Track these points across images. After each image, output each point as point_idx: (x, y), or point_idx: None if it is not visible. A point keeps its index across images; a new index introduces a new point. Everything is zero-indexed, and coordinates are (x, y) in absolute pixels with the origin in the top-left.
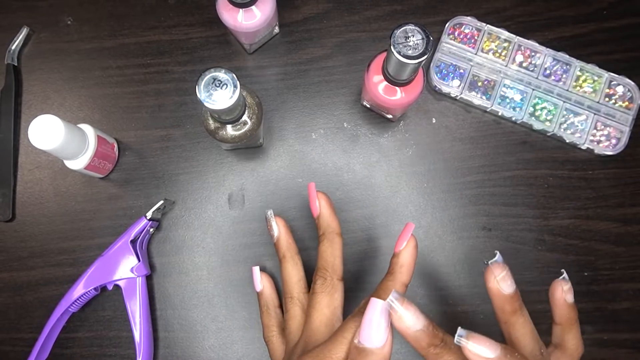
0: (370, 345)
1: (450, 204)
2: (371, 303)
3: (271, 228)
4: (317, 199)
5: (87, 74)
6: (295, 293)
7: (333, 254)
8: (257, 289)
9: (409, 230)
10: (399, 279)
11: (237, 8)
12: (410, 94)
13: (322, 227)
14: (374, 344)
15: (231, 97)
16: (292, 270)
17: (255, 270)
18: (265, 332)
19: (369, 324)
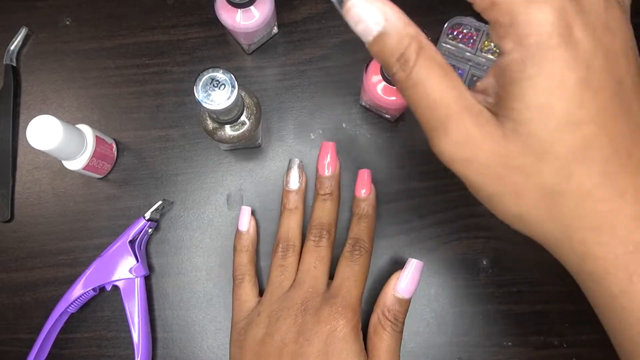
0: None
1: (449, 203)
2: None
3: (289, 177)
4: (327, 158)
5: (86, 75)
6: (298, 243)
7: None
8: (244, 227)
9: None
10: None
11: (236, 8)
12: None
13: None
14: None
15: (229, 98)
16: (301, 222)
17: (246, 209)
18: (239, 271)
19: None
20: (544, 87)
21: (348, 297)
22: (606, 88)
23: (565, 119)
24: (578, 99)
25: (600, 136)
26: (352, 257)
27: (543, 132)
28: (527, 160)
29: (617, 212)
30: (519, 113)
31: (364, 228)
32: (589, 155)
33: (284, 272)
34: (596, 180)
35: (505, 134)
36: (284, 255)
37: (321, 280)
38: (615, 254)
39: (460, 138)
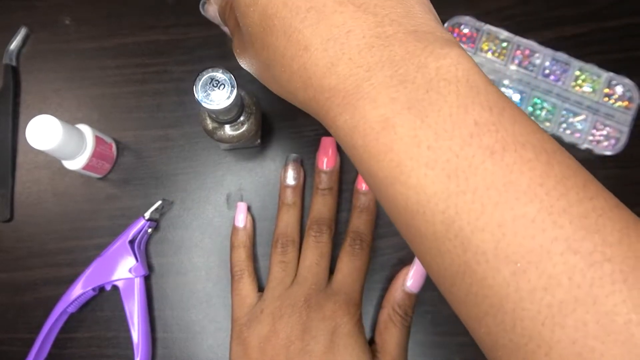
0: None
1: None
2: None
3: (287, 173)
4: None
5: (86, 74)
6: (297, 238)
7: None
8: (240, 224)
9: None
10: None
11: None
12: None
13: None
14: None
15: (229, 97)
16: (299, 217)
17: (243, 205)
18: (237, 267)
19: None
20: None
21: (351, 292)
22: None
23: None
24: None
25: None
26: (353, 252)
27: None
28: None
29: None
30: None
31: (365, 221)
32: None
33: (286, 268)
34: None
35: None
36: (284, 251)
37: (323, 276)
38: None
39: (235, 51)
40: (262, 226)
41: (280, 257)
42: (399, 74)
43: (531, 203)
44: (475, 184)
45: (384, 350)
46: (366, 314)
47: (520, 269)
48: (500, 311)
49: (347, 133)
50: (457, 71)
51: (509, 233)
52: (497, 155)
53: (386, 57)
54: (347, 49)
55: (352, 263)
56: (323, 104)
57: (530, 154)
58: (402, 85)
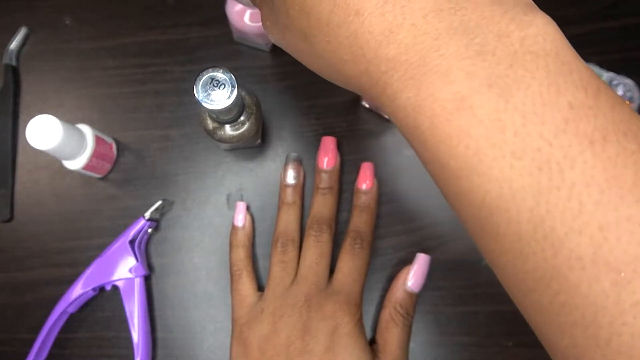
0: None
1: None
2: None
3: (287, 172)
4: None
5: (86, 74)
6: (297, 237)
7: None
8: (239, 223)
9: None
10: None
11: (244, 10)
12: None
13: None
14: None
15: (229, 97)
16: (299, 216)
17: (242, 205)
18: (236, 266)
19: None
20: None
21: (351, 292)
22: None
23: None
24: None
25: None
26: (354, 251)
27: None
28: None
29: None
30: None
31: (365, 221)
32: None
33: (286, 267)
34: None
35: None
36: (284, 251)
37: (323, 275)
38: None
39: (264, 23)
40: (262, 226)
41: (280, 256)
42: (476, 44)
43: (638, 203)
44: (572, 178)
45: (385, 350)
46: (367, 314)
47: (624, 278)
48: (594, 324)
49: (409, 113)
50: (545, 43)
51: (612, 237)
52: (597, 146)
53: (458, 22)
54: (409, 12)
55: (352, 263)
56: (378, 79)
57: (633, 145)
58: (480, 58)
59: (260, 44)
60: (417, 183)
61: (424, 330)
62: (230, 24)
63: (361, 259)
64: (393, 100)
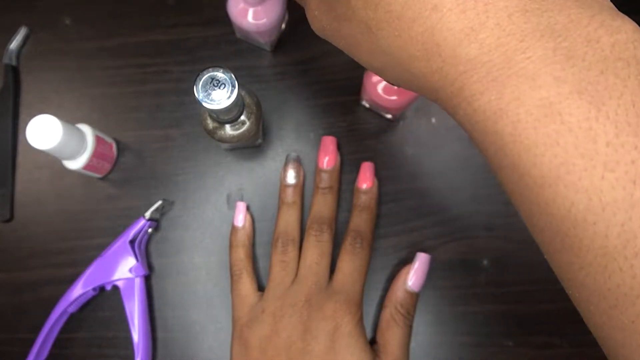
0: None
1: (450, 204)
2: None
3: (287, 173)
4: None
5: (86, 74)
6: (298, 237)
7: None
8: (239, 223)
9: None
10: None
11: (246, 9)
12: (410, 94)
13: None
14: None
15: (229, 97)
16: (299, 216)
17: (242, 205)
18: (236, 266)
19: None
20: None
21: (351, 292)
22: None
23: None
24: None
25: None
26: (354, 251)
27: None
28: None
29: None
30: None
31: (366, 220)
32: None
33: (286, 267)
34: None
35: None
36: (285, 251)
37: (323, 275)
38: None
39: (311, 11)
40: (262, 226)
41: (281, 256)
42: (564, 47)
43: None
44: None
45: (386, 350)
46: (367, 314)
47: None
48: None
49: (490, 117)
50: (636, 50)
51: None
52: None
53: (545, 24)
54: (493, 11)
55: (352, 262)
56: (454, 79)
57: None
58: (569, 62)
59: (261, 42)
60: (418, 183)
61: (424, 330)
62: (233, 22)
63: (361, 258)
64: (470, 102)
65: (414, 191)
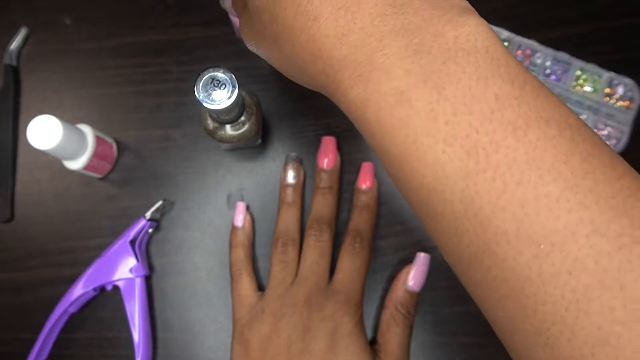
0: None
1: None
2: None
3: (287, 172)
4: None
5: (86, 74)
6: (298, 237)
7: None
8: (239, 223)
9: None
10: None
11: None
12: None
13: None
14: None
15: (230, 97)
16: (299, 215)
17: (242, 205)
18: (236, 266)
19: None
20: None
21: (351, 292)
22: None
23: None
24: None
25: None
26: (354, 251)
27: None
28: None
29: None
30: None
31: (366, 220)
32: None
33: (286, 267)
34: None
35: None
36: (285, 250)
37: (323, 275)
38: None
39: (241, 30)
40: (262, 226)
41: (281, 256)
42: (414, 44)
43: (555, 182)
44: (497, 161)
45: (386, 350)
46: (367, 314)
47: (544, 251)
48: (521, 295)
49: (359, 107)
50: (477, 41)
51: (532, 213)
52: (519, 132)
53: (400, 25)
54: (359, 17)
55: (352, 262)
56: (333, 77)
57: (554, 130)
58: (418, 56)
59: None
60: None
61: (424, 330)
62: (233, 22)
63: (361, 258)
64: (345, 95)
65: None
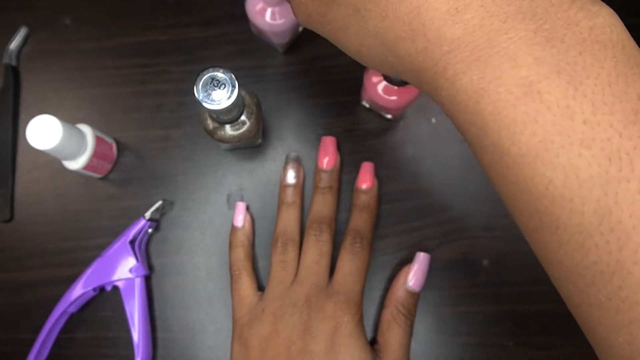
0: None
1: (450, 204)
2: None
3: (286, 173)
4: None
5: (86, 74)
6: (298, 238)
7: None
8: (239, 223)
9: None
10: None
11: (265, 8)
12: (409, 94)
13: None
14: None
15: (229, 97)
16: (299, 216)
17: (242, 205)
18: (236, 266)
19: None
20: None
21: (351, 292)
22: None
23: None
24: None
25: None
26: (354, 250)
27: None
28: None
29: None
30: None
31: (365, 220)
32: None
33: (286, 267)
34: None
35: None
36: (284, 250)
37: (323, 275)
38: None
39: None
40: (262, 226)
41: (281, 256)
42: (545, 30)
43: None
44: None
45: (386, 350)
46: (367, 314)
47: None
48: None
49: (471, 96)
50: (612, 34)
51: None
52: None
53: (527, 7)
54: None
55: (352, 262)
56: (439, 59)
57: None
58: (549, 44)
59: (275, 44)
60: (418, 183)
61: (424, 330)
62: (249, 19)
63: (361, 258)
64: (453, 82)
65: (414, 191)
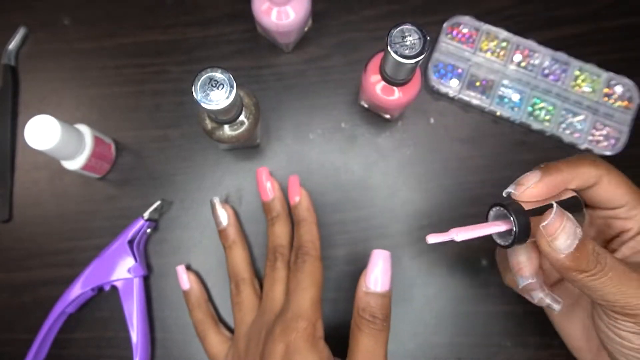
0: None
1: (449, 204)
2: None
3: (217, 216)
4: (267, 184)
5: (85, 74)
6: (247, 275)
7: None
8: (185, 287)
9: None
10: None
11: (271, 8)
12: (408, 94)
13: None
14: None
15: (227, 98)
16: (243, 253)
17: (181, 269)
18: (199, 328)
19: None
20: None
21: (296, 307)
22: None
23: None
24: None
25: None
26: (296, 267)
27: None
28: None
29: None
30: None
31: (304, 233)
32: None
33: (242, 308)
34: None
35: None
36: (237, 292)
37: (278, 300)
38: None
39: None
40: (259, 228)
41: (235, 298)
42: None
43: None
44: None
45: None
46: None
47: None
48: None
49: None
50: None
51: None
52: None
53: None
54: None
55: (295, 278)
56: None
57: None
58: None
59: (280, 43)
60: (416, 182)
61: (423, 330)
62: (256, 20)
63: (303, 271)
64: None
65: (412, 192)
